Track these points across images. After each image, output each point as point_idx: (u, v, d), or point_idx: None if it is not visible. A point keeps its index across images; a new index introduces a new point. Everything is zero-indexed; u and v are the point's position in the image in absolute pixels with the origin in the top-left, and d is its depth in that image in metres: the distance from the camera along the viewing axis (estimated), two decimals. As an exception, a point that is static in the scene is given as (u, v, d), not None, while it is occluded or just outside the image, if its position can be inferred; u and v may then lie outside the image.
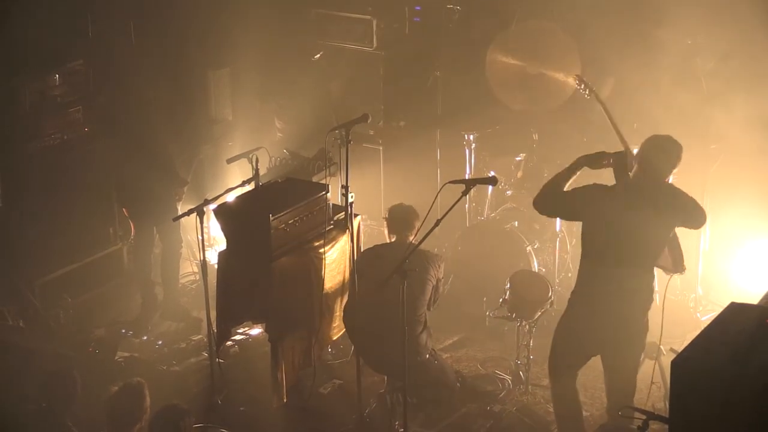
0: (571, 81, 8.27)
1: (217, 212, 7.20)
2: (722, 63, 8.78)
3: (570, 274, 8.74)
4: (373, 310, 7.02)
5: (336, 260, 7.43)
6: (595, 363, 6.90)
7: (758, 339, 4.56)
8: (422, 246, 6.66)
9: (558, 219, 8.70)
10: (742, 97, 8.47)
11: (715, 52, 8.81)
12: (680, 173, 8.80)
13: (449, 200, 6.36)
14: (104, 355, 7.99)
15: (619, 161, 6.70)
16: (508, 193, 9.32)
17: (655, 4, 8.93)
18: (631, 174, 6.56)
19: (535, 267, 8.62)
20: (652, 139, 6.55)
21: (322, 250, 7.24)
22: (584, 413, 7.36)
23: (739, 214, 8.91)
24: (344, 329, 7.65)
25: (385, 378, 7.45)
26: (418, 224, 7.33)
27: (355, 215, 7.51)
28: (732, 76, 8.62)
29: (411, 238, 7.32)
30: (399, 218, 7.50)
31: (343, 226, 7.44)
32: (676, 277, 8.85)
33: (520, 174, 9.30)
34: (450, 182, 6.58)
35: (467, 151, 9.54)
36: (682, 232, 6.70)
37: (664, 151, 6.49)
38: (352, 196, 7.26)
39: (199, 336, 8.56)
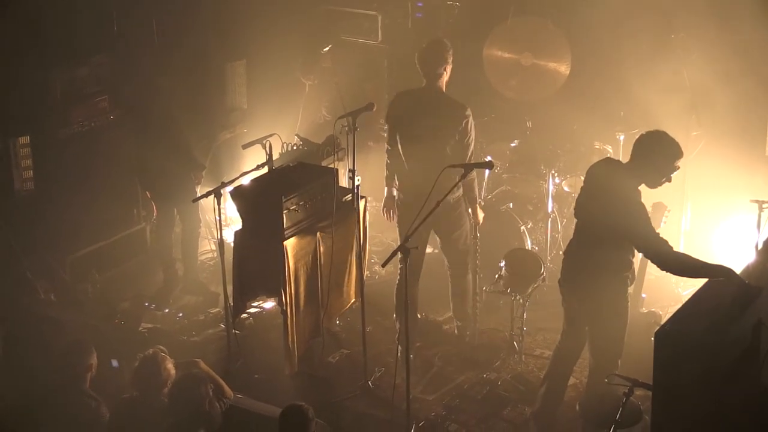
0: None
1: (233, 194, 7.18)
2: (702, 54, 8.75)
3: (561, 252, 8.69)
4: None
5: (343, 239, 7.40)
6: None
7: (735, 311, 4.56)
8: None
9: (550, 200, 8.68)
10: (721, 87, 8.45)
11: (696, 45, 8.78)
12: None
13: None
14: (129, 326, 7.98)
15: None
16: (504, 176, 9.28)
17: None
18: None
19: (529, 245, 8.58)
20: None
21: (330, 230, 7.21)
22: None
23: (718, 196, 8.88)
24: (351, 302, 7.63)
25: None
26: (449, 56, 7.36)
27: (362, 197, 7.47)
28: (710, 66, 8.58)
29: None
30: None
31: (350, 207, 7.41)
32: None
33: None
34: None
35: (465, 137, 9.47)
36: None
37: None
38: (358, 180, 7.24)
39: (217, 309, 8.56)
